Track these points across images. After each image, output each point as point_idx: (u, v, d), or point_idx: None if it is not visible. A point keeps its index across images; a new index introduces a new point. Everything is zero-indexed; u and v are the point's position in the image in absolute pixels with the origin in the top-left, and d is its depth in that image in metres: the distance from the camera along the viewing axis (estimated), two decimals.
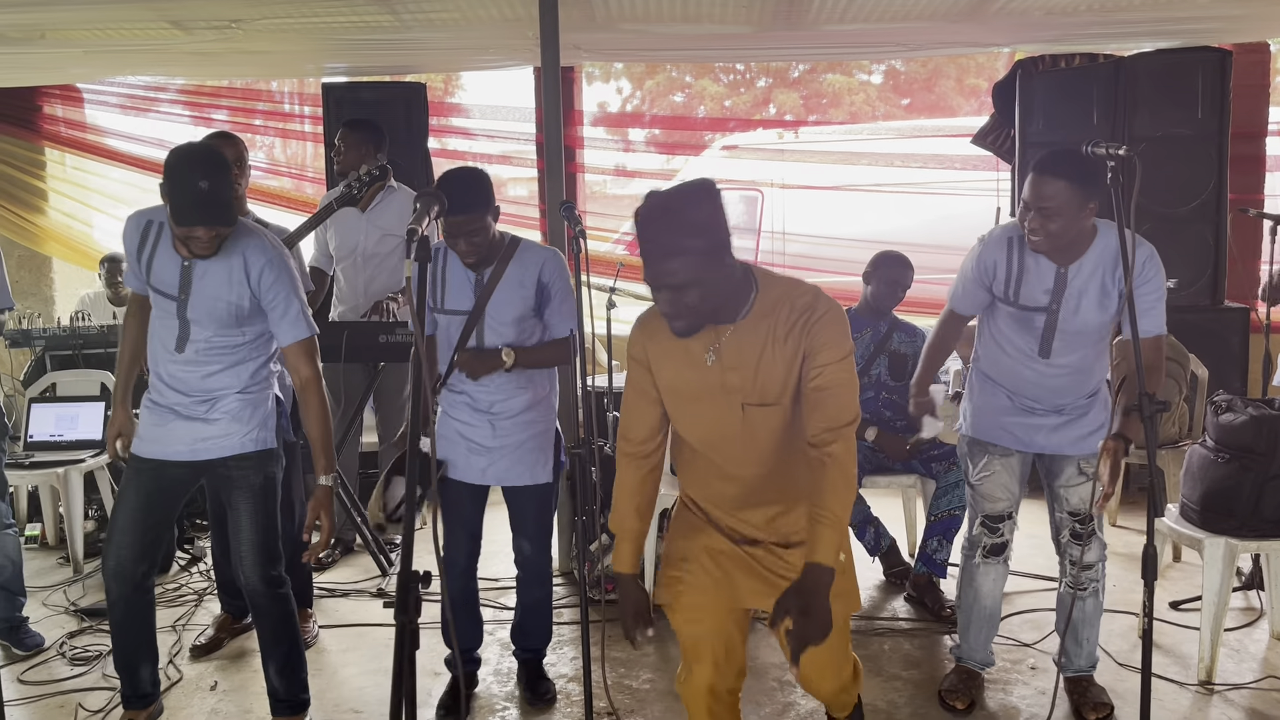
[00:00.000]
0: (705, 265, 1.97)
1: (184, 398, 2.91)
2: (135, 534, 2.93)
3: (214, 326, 2.85)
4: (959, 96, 19.61)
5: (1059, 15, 5.29)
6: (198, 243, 2.71)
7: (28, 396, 5.07)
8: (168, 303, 2.86)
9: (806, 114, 19.03)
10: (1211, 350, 5.08)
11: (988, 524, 3.23)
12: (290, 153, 9.46)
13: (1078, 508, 3.13)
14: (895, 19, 5.38)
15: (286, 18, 5.19)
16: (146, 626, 3.07)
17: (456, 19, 5.32)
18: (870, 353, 4.31)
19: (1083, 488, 3.11)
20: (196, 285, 2.82)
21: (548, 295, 3.11)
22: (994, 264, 3.05)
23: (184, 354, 2.87)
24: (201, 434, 2.91)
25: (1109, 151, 2.50)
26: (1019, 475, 3.20)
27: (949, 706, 3.29)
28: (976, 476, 3.22)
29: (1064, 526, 3.18)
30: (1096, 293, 2.94)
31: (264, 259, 2.82)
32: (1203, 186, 5.36)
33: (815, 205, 7.38)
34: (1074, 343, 3.01)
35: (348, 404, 4.62)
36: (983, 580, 3.27)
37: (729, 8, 5.29)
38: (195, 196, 2.62)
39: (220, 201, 2.65)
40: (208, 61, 6.02)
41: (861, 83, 19.11)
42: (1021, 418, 3.14)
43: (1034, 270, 2.98)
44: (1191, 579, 4.18)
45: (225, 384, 2.92)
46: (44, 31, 5.35)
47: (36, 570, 4.68)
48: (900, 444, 4.15)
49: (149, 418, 2.97)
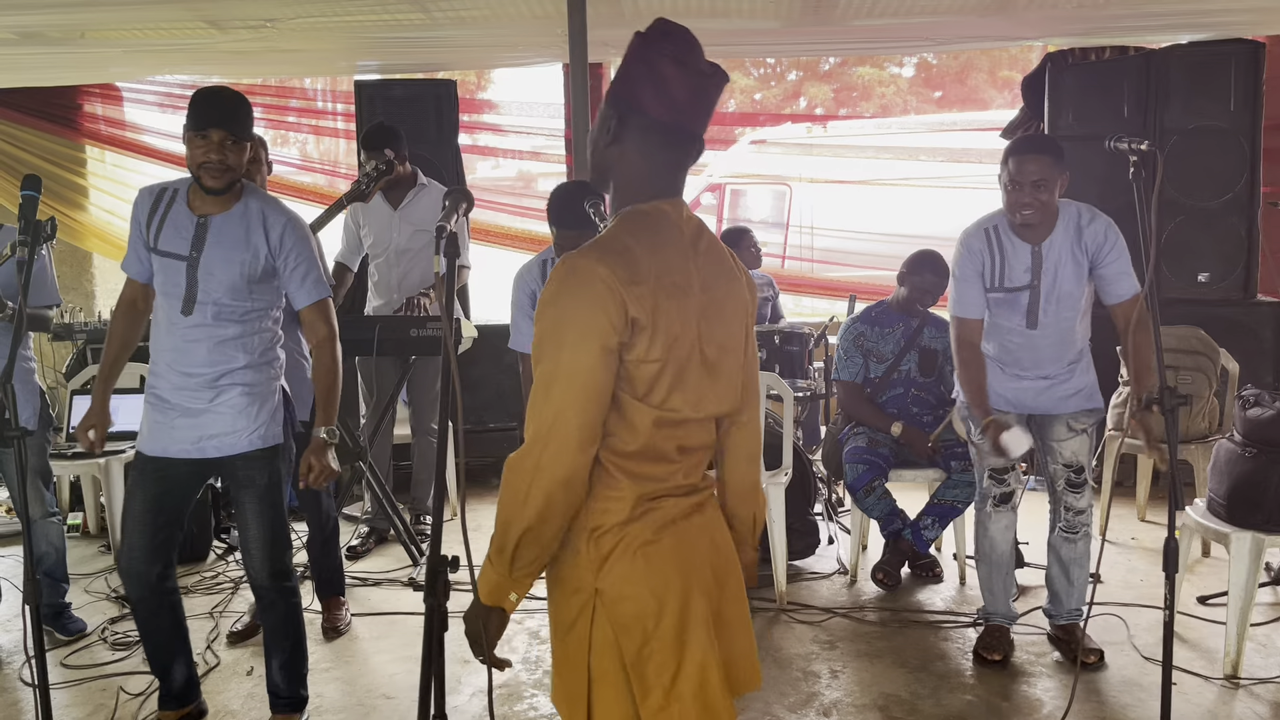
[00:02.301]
0: None
1: (188, 379, 2.84)
2: (145, 536, 2.90)
3: (222, 288, 2.81)
4: (991, 89, 19.46)
5: (1089, 8, 5.26)
6: (210, 160, 2.71)
7: (70, 389, 5.19)
8: (176, 265, 2.81)
9: (837, 107, 18.95)
10: (1243, 344, 5.04)
11: (994, 476, 3.52)
12: (323, 149, 9.58)
13: (1070, 459, 3.47)
14: (924, 13, 5.38)
15: (320, 16, 5.27)
16: (171, 626, 3.04)
17: (486, 16, 5.38)
18: (901, 348, 4.34)
19: (1073, 441, 3.46)
20: (211, 240, 2.80)
21: None
22: (979, 253, 3.38)
23: (191, 317, 2.81)
24: (207, 430, 2.87)
25: (1130, 146, 2.52)
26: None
27: (985, 660, 3.54)
28: (978, 435, 3.47)
29: (1059, 477, 3.51)
30: (1072, 265, 3.29)
31: (284, 219, 2.88)
32: (1235, 179, 5.32)
33: (844, 199, 7.39)
34: (1056, 313, 3.35)
35: (380, 396, 4.70)
36: (995, 526, 3.55)
37: (757, 3, 5.31)
38: (215, 98, 2.75)
39: (239, 116, 2.74)
40: (243, 60, 6.13)
41: (893, 75, 19.01)
42: (1011, 383, 3.47)
43: (1012, 254, 3.34)
44: (1219, 574, 4.16)
45: (232, 357, 2.86)
46: (84, 31, 5.48)
47: (78, 558, 4.81)
48: (924, 439, 4.19)
49: (151, 414, 2.92)
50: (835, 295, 7.12)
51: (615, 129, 1.66)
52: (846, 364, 4.40)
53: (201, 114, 2.72)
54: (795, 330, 5.07)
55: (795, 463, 4.33)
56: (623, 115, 1.66)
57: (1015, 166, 3.21)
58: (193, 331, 2.83)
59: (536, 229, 6.76)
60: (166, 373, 2.89)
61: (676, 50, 1.63)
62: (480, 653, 1.69)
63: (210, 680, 3.54)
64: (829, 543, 4.75)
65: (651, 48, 1.62)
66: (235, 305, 2.85)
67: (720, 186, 8.31)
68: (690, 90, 1.64)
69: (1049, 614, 3.65)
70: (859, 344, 4.39)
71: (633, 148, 1.67)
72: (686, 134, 1.67)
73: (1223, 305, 5.28)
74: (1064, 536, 3.52)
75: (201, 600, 4.30)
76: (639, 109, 1.65)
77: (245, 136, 2.78)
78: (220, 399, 2.87)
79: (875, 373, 4.38)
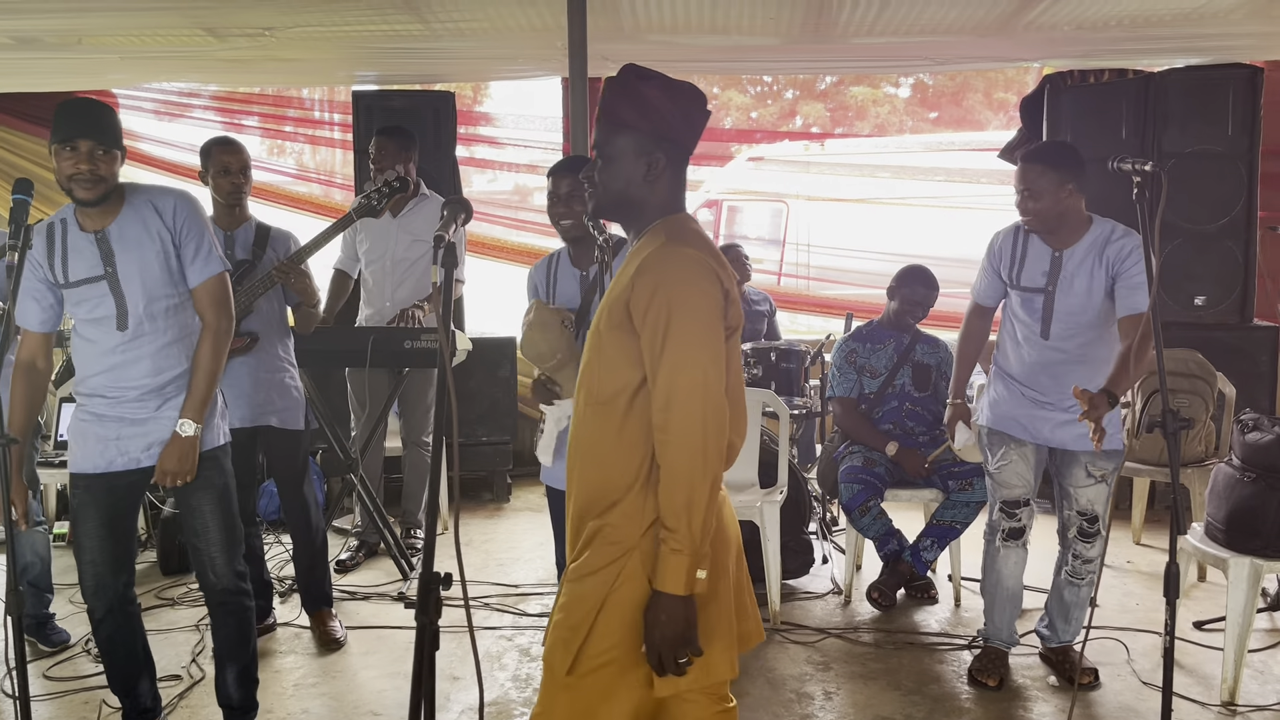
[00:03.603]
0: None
1: (129, 392, 2.79)
2: (105, 551, 2.86)
3: (148, 289, 2.76)
4: (987, 110, 19.55)
5: (1088, 30, 5.27)
6: (80, 172, 2.64)
7: (58, 396, 5.13)
8: (96, 287, 2.75)
9: (833, 125, 19.02)
10: (1240, 369, 5.03)
11: (1005, 509, 3.45)
12: (320, 159, 9.56)
13: (1086, 508, 3.38)
14: (924, 32, 5.38)
15: (319, 26, 5.25)
16: (138, 638, 3.00)
17: (485, 28, 5.37)
18: (894, 363, 4.32)
19: (1091, 489, 3.37)
20: (118, 249, 2.74)
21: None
22: (1001, 250, 3.43)
23: (128, 331, 2.76)
24: (156, 437, 2.82)
25: (1135, 167, 2.50)
26: (1034, 465, 3.44)
27: (980, 683, 3.49)
28: (995, 465, 3.46)
29: (1072, 524, 3.42)
30: (1087, 278, 3.25)
31: (171, 198, 2.82)
32: (1232, 203, 5.32)
33: (841, 217, 7.39)
34: (1070, 326, 3.29)
35: (372, 408, 4.66)
36: (1003, 564, 3.47)
37: (757, 19, 5.30)
38: (81, 109, 2.69)
39: (104, 125, 2.69)
40: (240, 68, 6.11)
41: (889, 95, 19.10)
42: (1029, 409, 3.39)
43: (1033, 255, 3.34)
44: (1216, 599, 4.14)
45: (175, 362, 2.81)
46: (80, 37, 5.44)
47: (63, 568, 4.72)
48: (919, 460, 4.17)
49: (90, 431, 2.84)
50: (831, 313, 7.11)
51: (661, 167, 1.89)
52: (841, 380, 4.38)
53: (67, 125, 2.66)
54: (792, 348, 5.05)
55: (790, 481, 4.29)
56: (665, 152, 1.89)
57: (1017, 174, 3.29)
58: (133, 345, 2.78)
59: (533, 242, 6.72)
60: (103, 390, 2.82)
61: (692, 89, 1.90)
62: (690, 652, 1.77)
63: (194, 694, 3.49)
64: (823, 562, 4.71)
65: (673, 88, 1.88)
66: (166, 300, 2.79)
67: (717, 203, 8.31)
68: (704, 121, 1.94)
69: (1043, 636, 3.63)
70: (851, 360, 4.37)
71: (668, 177, 1.91)
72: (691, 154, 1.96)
73: (1219, 329, 5.27)
74: (1069, 580, 3.47)
75: (186, 613, 4.25)
76: (676, 142, 1.90)
77: (114, 145, 2.72)
78: (166, 405, 2.83)
79: (870, 388, 4.36)
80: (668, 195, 1.92)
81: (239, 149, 3.83)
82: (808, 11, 5.11)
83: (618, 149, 1.89)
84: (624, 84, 1.89)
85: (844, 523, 5.01)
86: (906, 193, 7.26)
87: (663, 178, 1.90)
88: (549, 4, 4.93)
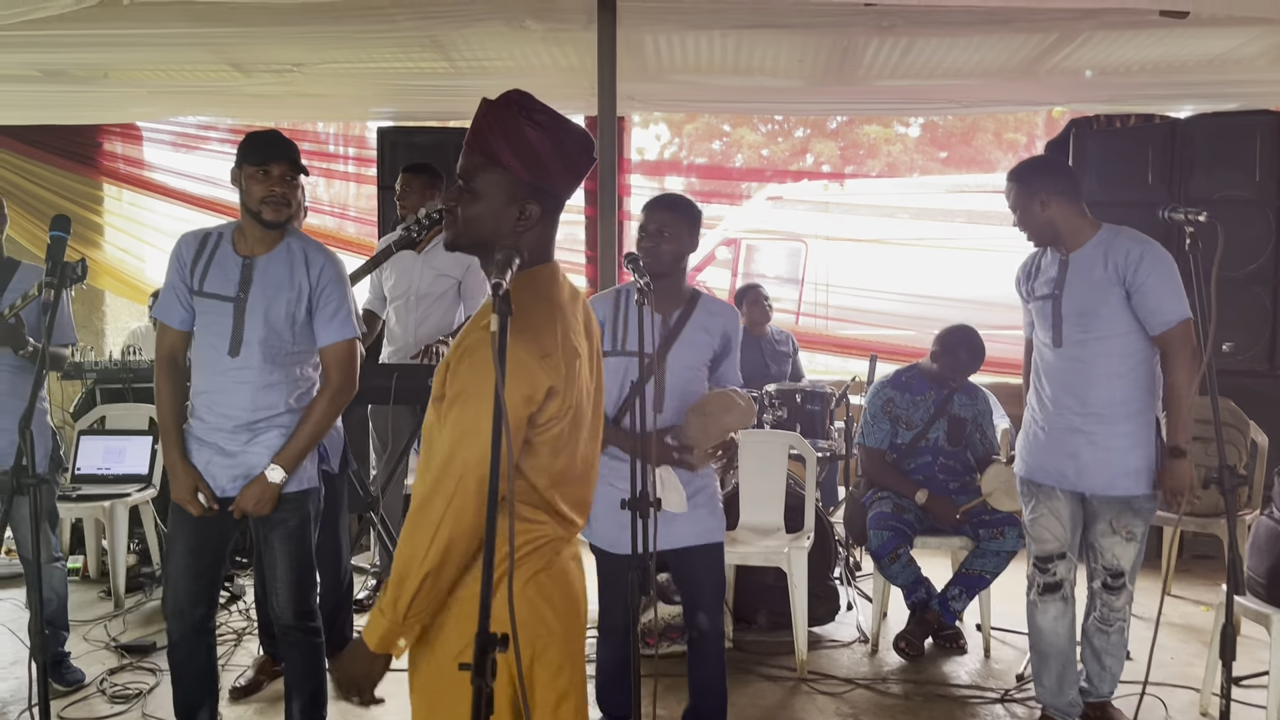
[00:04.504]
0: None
1: (225, 420, 2.85)
2: (189, 578, 2.92)
3: (269, 324, 2.84)
4: (997, 150, 19.60)
5: (1112, 75, 5.28)
6: (274, 194, 2.79)
7: (77, 429, 5.10)
8: (222, 306, 2.84)
9: (844, 164, 19.07)
10: (1271, 417, 4.96)
11: (1038, 564, 3.36)
12: (334, 192, 9.60)
13: (1111, 564, 3.28)
14: (947, 75, 5.39)
15: (345, 62, 5.29)
16: (207, 667, 3.05)
17: (510, 67, 5.39)
18: (930, 416, 4.26)
19: (1116, 546, 3.25)
20: (258, 280, 2.84)
21: (729, 350, 3.11)
22: (1021, 271, 3.42)
23: (238, 359, 2.83)
24: (242, 470, 2.88)
25: (1188, 216, 2.47)
26: (1067, 517, 3.30)
27: None
28: (1029, 517, 3.39)
29: (1097, 576, 3.33)
30: (1090, 275, 3.17)
31: (324, 256, 2.94)
32: (1260, 250, 5.29)
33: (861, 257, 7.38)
34: (1080, 327, 3.18)
35: (394, 446, 4.61)
36: (1041, 618, 3.36)
37: (781, 61, 5.32)
38: (275, 136, 2.88)
39: (294, 153, 2.85)
40: (264, 103, 6.13)
41: (899, 134, 19.16)
42: (1056, 444, 3.26)
43: (1045, 265, 3.32)
44: (1252, 653, 4.05)
45: (274, 403, 2.87)
46: (108, 71, 5.48)
47: (78, 604, 4.68)
48: (951, 508, 4.10)
49: (192, 457, 2.92)
50: (850, 353, 7.07)
51: (535, 218, 1.74)
52: (873, 429, 4.31)
53: (264, 150, 2.82)
54: (817, 390, 5.00)
55: (815, 525, 4.23)
56: (540, 202, 1.74)
57: None
58: (238, 374, 2.86)
59: None
60: (204, 413, 2.91)
61: (582, 137, 1.76)
62: (362, 697, 1.76)
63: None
64: (848, 608, 4.64)
65: (561, 137, 1.73)
66: (280, 346, 2.87)
67: (736, 241, 8.31)
68: (588, 168, 1.80)
69: (1082, 691, 3.52)
70: (887, 410, 4.30)
71: (539, 228, 1.77)
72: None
73: (1247, 376, 5.21)
74: (1098, 627, 3.38)
75: None
76: (553, 194, 1.76)
77: (300, 171, 2.89)
78: (257, 440, 2.89)
79: (902, 439, 4.29)
80: (535, 245, 1.77)
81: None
82: (832, 53, 5.13)
83: (487, 185, 1.73)
84: (508, 118, 1.71)
85: (867, 568, 4.95)
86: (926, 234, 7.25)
87: (534, 229, 1.76)
88: (575, 44, 4.96)
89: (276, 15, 4.31)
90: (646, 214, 3.02)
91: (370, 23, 4.53)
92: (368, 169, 8.05)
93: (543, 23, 4.55)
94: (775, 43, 4.99)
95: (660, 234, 2.96)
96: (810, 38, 4.86)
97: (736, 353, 3.16)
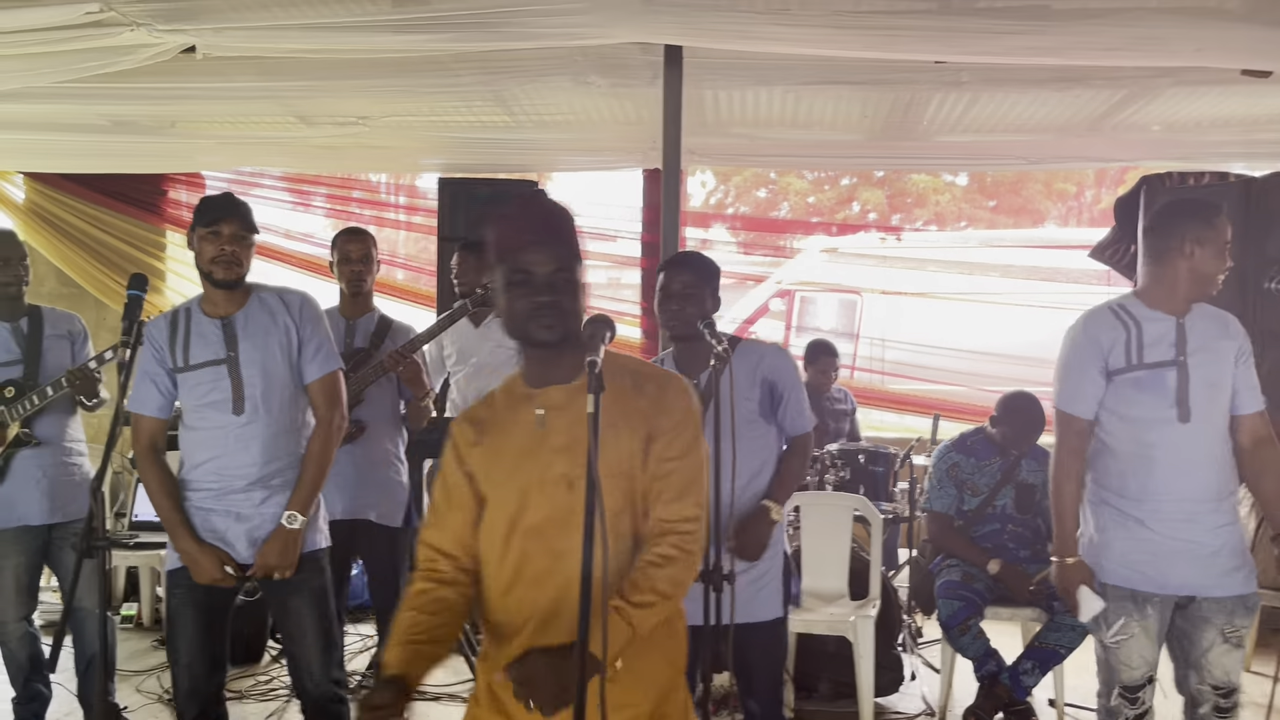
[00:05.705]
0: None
1: (236, 480, 2.79)
2: (203, 653, 2.82)
3: (268, 374, 2.82)
4: (1046, 200, 19.42)
5: (1181, 131, 5.17)
6: (223, 253, 2.77)
7: (135, 477, 5.12)
8: (216, 370, 2.80)
9: (891, 213, 18.99)
10: None
11: (1125, 695, 2.82)
12: (384, 238, 9.67)
13: (1222, 680, 2.77)
14: (1010, 130, 5.32)
15: (409, 115, 5.32)
16: None
17: (570, 120, 5.40)
18: (996, 482, 4.13)
19: (1226, 657, 2.76)
20: (242, 334, 2.83)
21: (779, 393, 2.96)
22: (1101, 337, 2.80)
23: (244, 415, 2.79)
24: (259, 534, 2.81)
25: None
26: (1157, 633, 2.80)
27: None
28: (1112, 639, 2.80)
29: (1205, 700, 2.79)
30: (1220, 348, 2.76)
31: (297, 296, 2.96)
32: None
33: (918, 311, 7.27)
34: (1211, 401, 2.74)
35: None
36: None
37: (841, 114, 5.28)
38: (224, 197, 2.92)
39: (244, 212, 2.86)
40: (328, 154, 6.19)
41: (947, 184, 19.06)
42: (1168, 531, 2.73)
43: (1150, 327, 2.77)
44: None
45: (284, 453, 2.84)
46: (175, 122, 5.56)
47: (130, 652, 4.66)
48: (1025, 580, 3.96)
49: (204, 533, 2.83)
50: (906, 409, 6.94)
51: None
52: (940, 494, 4.19)
53: (215, 210, 2.83)
54: (879, 450, 4.90)
55: (881, 592, 4.11)
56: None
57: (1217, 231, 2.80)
58: (245, 429, 2.82)
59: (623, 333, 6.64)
60: (209, 480, 2.82)
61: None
62: (544, 709, 1.66)
63: None
64: (911, 679, 4.49)
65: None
66: (282, 393, 2.85)
67: (790, 293, 8.24)
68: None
69: None
70: (953, 474, 4.18)
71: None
72: None
73: None
74: None
75: (254, 707, 4.13)
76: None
77: (251, 230, 2.87)
78: (269, 501, 2.82)
79: (969, 505, 4.16)
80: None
81: (362, 237, 3.92)
82: (894, 107, 5.08)
83: (579, 279, 1.88)
84: (568, 213, 1.90)
85: (929, 634, 4.80)
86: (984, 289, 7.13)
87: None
88: (635, 99, 4.95)
89: (343, 69, 4.35)
90: (667, 274, 2.94)
91: (435, 76, 4.55)
92: (416, 216, 8.10)
93: (608, 78, 4.55)
94: (837, 97, 4.95)
95: (685, 295, 2.89)
96: (873, 93, 4.82)
97: (794, 393, 2.98)
